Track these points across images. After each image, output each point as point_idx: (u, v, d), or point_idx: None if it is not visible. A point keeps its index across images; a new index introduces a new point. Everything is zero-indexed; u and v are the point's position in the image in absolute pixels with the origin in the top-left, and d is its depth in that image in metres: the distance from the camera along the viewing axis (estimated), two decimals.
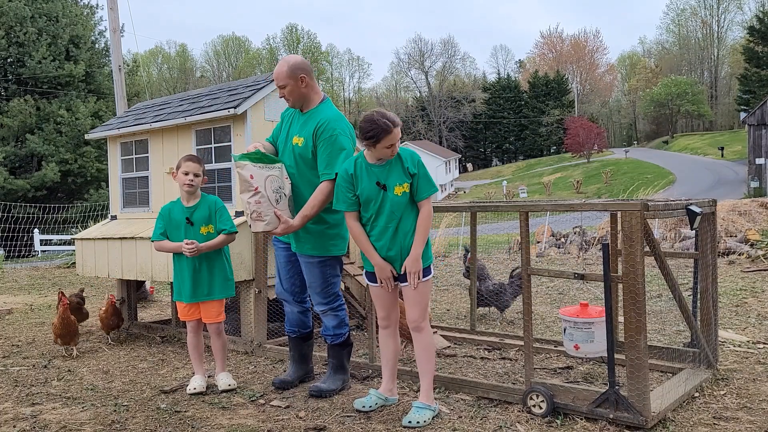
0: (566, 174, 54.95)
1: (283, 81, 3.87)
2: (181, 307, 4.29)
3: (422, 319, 3.54)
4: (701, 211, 3.72)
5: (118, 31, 12.97)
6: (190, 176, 4.13)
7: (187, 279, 4.20)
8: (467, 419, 3.51)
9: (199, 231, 4.17)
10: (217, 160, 5.35)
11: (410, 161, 3.48)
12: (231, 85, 5.95)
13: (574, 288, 7.86)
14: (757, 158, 35.17)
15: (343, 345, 4.13)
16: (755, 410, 3.55)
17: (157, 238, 4.24)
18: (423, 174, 3.49)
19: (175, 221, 4.22)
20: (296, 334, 4.27)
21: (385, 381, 3.76)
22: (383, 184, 3.46)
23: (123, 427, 3.61)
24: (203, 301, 4.24)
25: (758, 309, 6.30)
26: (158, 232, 4.23)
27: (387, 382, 3.75)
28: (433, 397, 3.61)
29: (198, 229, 4.18)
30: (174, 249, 4.19)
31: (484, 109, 78.80)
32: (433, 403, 3.57)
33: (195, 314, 4.27)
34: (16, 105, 26.44)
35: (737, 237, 11.02)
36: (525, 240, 3.68)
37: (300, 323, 4.24)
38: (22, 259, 18.52)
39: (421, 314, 3.54)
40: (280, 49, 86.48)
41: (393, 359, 3.73)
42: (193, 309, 4.27)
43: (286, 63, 3.91)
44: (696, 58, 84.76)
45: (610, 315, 3.41)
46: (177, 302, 4.32)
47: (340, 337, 4.11)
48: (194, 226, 4.18)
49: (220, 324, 4.32)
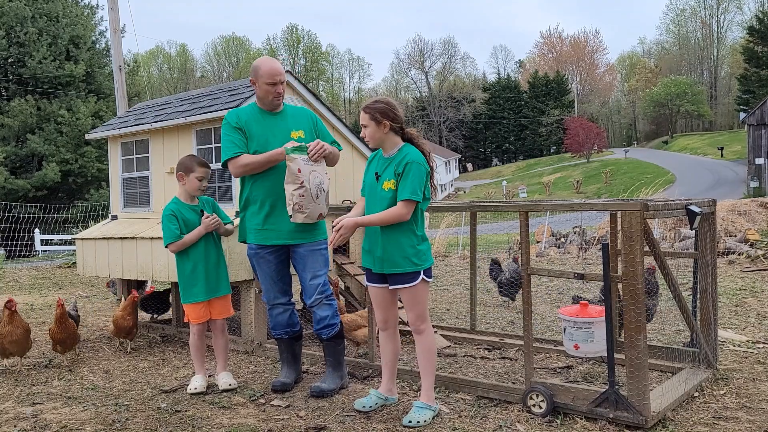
0: (566, 174, 54.93)
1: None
2: (198, 309, 4.20)
3: (421, 321, 3.53)
4: (701, 211, 3.73)
5: (118, 31, 12.99)
6: (205, 182, 4.21)
7: (201, 276, 4.18)
8: (467, 419, 3.52)
9: None
10: (218, 160, 5.35)
11: (401, 163, 3.43)
12: (231, 85, 5.96)
13: (574, 288, 7.86)
14: (757, 158, 35.17)
15: (338, 338, 4.14)
16: (755, 410, 3.56)
17: (177, 238, 4.14)
18: (407, 177, 3.38)
19: (190, 222, 4.19)
20: (289, 335, 4.27)
21: (385, 380, 3.77)
22: (379, 175, 3.53)
23: (123, 426, 3.61)
24: (216, 298, 4.27)
25: (758, 309, 6.31)
26: (176, 233, 4.13)
27: (387, 381, 3.76)
28: (434, 396, 3.62)
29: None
30: (197, 234, 4.15)
31: (484, 109, 78.77)
32: (433, 403, 3.57)
33: (207, 315, 4.26)
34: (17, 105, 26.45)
35: (737, 237, 11.03)
36: (525, 240, 3.69)
37: (290, 323, 4.26)
38: (22, 258, 18.53)
39: (418, 317, 3.53)
40: (280, 49, 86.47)
41: (393, 360, 3.74)
42: (205, 310, 4.25)
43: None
44: (696, 58, 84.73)
45: (610, 315, 3.42)
46: (191, 304, 4.20)
47: (334, 327, 4.11)
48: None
49: (225, 321, 4.37)
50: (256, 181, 4.03)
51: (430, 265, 3.53)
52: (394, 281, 3.51)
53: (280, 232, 4.03)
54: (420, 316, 3.53)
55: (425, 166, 3.44)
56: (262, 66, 4.01)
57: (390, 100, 3.57)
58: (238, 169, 3.97)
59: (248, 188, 4.07)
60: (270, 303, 4.23)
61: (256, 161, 3.94)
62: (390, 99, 3.59)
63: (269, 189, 4.01)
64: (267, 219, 4.03)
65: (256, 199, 4.04)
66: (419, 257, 3.46)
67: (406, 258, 3.44)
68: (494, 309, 6.97)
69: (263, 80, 3.98)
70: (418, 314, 3.52)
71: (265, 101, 4.07)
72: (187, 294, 4.20)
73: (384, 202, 3.45)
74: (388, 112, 3.47)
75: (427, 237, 3.61)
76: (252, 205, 4.07)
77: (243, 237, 4.21)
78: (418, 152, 3.47)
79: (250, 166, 3.95)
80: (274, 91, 3.99)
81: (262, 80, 3.99)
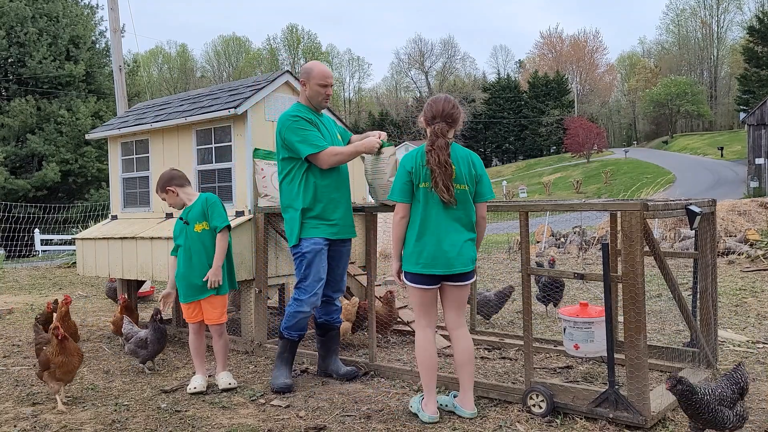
0: (566, 174, 54.93)
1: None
2: (187, 309, 4.33)
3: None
4: (701, 211, 3.73)
5: (118, 32, 12.99)
6: (168, 202, 4.37)
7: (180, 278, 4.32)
8: (467, 419, 3.52)
9: (194, 229, 4.25)
10: (218, 160, 5.36)
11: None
12: (231, 85, 5.96)
13: (574, 288, 7.86)
14: (757, 158, 35.17)
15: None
16: (755, 410, 3.56)
17: (173, 254, 4.41)
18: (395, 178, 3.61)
19: (176, 225, 4.37)
20: (301, 337, 4.34)
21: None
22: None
23: (123, 426, 3.61)
24: (204, 302, 4.25)
25: (758, 309, 6.31)
26: (174, 248, 4.40)
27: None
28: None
29: (192, 227, 4.26)
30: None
31: (484, 109, 78.74)
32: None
33: (198, 316, 4.30)
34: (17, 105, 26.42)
35: (737, 237, 11.03)
36: (525, 240, 3.69)
37: (305, 326, 4.31)
38: (22, 258, 18.52)
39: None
40: (280, 49, 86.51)
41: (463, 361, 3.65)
42: (196, 311, 4.29)
43: None
44: (695, 59, 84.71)
45: (610, 315, 3.42)
46: (182, 304, 4.35)
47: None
48: (189, 225, 4.27)
49: (221, 325, 4.34)
50: (325, 178, 4.14)
51: (407, 270, 3.65)
52: (465, 278, 3.53)
53: (350, 227, 4.26)
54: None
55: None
56: (315, 69, 4.21)
57: None
58: (333, 158, 4.08)
59: (313, 185, 4.13)
60: (315, 306, 4.24)
61: (345, 152, 4.12)
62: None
63: (338, 184, 4.19)
64: (342, 214, 4.20)
65: (326, 195, 4.15)
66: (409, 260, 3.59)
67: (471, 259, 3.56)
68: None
69: (315, 81, 4.16)
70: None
71: (313, 101, 4.24)
72: (179, 294, 4.33)
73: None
74: None
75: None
76: (321, 201, 4.14)
77: (307, 233, 4.15)
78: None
79: (338, 157, 4.10)
80: (324, 92, 4.19)
81: (314, 81, 4.17)
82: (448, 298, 3.60)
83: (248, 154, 5.07)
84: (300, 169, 4.13)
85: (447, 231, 3.44)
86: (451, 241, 3.43)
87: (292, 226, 4.18)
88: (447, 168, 3.37)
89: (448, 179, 3.37)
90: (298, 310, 4.17)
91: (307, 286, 4.14)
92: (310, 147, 4.04)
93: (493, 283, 8.78)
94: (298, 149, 4.06)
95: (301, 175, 4.13)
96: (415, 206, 3.48)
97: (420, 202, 3.46)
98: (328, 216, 4.15)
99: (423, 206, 3.45)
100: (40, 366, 3.98)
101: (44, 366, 3.91)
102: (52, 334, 3.94)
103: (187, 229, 4.25)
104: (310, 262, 4.11)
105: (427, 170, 3.42)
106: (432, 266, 3.44)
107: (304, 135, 4.06)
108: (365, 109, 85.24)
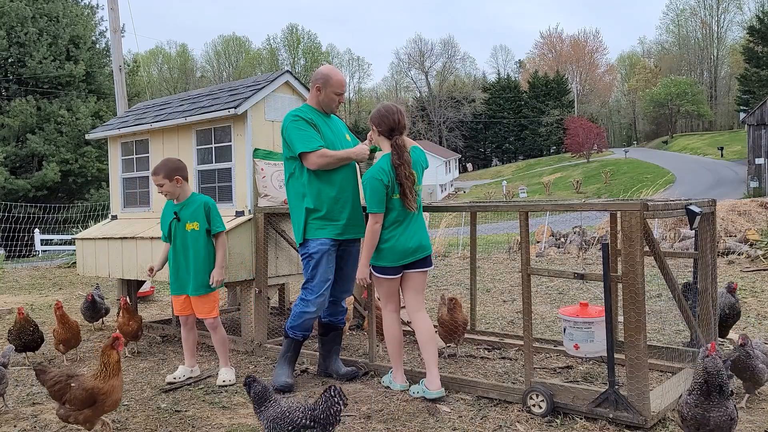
0: (566, 174, 54.93)
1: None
2: (175, 301, 4.48)
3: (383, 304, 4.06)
4: (701, 211, 3.73)
5: (118, 31, 12.98)
6: (159, 189, 4.40)
7: (172, 273, 4.44)
8: (467, 419, 3.52)
9: (185, 227, 4.33)
10: (218, 160, 5.36)
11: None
12: (231, 85, 5.95)
13: (574, 288, 7.86)
14: (757, 158, 35.17)
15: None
16: (755, 410, 3.56)
17: (164, 240, 4.55)
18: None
19: (165, 215, 4.48)
20: (305, 337, 4.35)
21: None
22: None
23: (123, 426, 3.61)
24: (193, 298, 4.37)
25: (758, 309, 6.31)
26: (164, 234, 4.50)
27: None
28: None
29: (184, 225, 4.33)
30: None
31: (483, 109, 78.76)
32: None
33: (187, 309, 4.42)
34: (17, 105, 26.44)
35: (737, 237, 11.03)
36: (525, 240, 3.69)
37: (311, 326, 4.32)
38: (22, 258, 18.51)
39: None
40: (280, 49, 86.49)
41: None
42: (185, 304, 4.41)
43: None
44: (695, 58, 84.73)
45: (610, 315, 3.42)
46: (171, 296, 4.49)
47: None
48: (181, 222, 4.34)
49: (214, 320, 4.40)
50: (330, 178, 4.15)
51: (378, 264, 3.97)
52: (428, 263, 4.00)
53: (358, 226, 4.25)
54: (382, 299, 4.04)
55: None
56: (333, 77, 4.27)
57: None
58: (320, 159, 4.09)
59: (317, 185, 4.15)
60: (321, 309, 4.27)
61: (335, 156, 4.12)
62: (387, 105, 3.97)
63: (344, 185, 4.19)
64: (349, 213, 4.20)
65: (332, 194, 4.16)
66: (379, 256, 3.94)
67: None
68: (494, 309, 6.97)
69: (332, 89, 4.26)
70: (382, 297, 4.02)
71: (325, 107, 4.32)
72: (170, 286, 4.50)
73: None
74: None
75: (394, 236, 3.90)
76: (328, 201, 4.15)
77: (314, 234, 4.17)
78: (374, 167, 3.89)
79: (326, 159, 4.10)
80: (338, 99, 4.32)
81: (330, 89, 4.26)
82: (409, 284, 3.99)
83: (248, 154, 5.07)
84: (304, 167, 4.15)
85: (413, 229, 3.90)
86: (418, 236, 3.91)
87: (298, 225, 4.22)
88: (411, 178, 3.80)
89: (412, 189, 3.80)
90: (304, 310, 4.20)
91: (313, 287, 4.16)
92: (302, 145, 4.09)
93: (493, 283, 8.79)
94: (293, 147, 4.13)
95: (306, 174, 4.16)
96: (389, 213, 3.83)
97: (395, 210, 3.83)
98: (335, 216, 4.16)
99: (396, 213, 3.83)
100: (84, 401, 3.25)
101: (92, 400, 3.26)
102: (106, 350, 3.37)
103: (178, 226, 4.35)
104: (317, 262, 4.14)
105: (396, 183, 3.78)
106: (402, 259, 3.87)
107: (300, 134, 4.12)
108: (365, 109, 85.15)
